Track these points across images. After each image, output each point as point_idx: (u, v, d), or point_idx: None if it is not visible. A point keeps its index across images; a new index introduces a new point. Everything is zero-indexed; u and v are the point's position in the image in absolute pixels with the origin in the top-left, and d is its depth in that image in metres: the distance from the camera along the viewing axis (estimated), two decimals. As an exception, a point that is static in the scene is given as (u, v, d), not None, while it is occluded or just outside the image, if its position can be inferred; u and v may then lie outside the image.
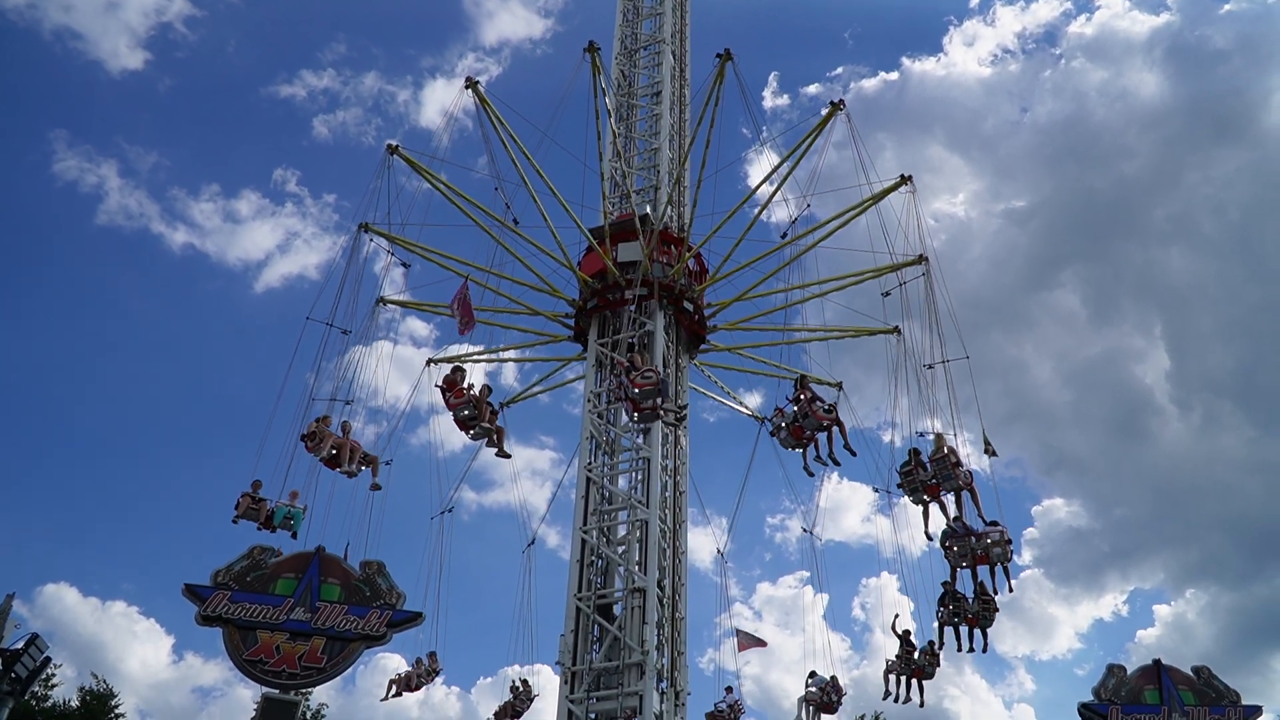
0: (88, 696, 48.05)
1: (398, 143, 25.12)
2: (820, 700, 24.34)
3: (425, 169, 25.05)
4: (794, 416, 19.22)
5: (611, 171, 28.04)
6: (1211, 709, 16.49)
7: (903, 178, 24.52)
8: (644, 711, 19.11)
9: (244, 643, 11.78)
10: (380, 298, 26.07)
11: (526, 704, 28.02)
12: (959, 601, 21.48)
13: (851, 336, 27.55)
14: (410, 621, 12.44)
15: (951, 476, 19.23)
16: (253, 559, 12.41)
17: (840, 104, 24.22)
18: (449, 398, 19.52)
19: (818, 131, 24.25)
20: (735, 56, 23.61)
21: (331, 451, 19.44)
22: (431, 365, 28.23)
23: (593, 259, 25.26)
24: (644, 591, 20.64)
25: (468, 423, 19.71)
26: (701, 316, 25.64)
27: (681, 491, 23.95)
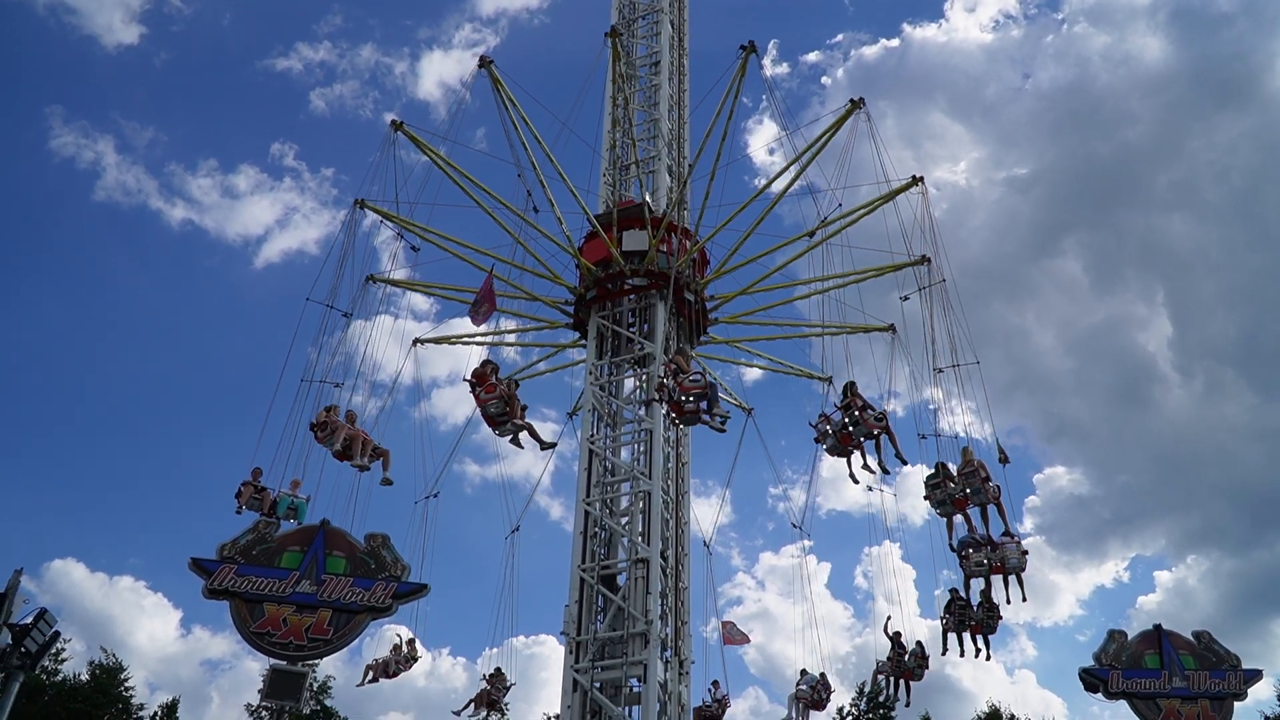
0: (97, 670, 48.56)
1: (401, 119, 24.81)
2: (811, 698, 24.90)
3: (430, 148, 24.65)
4: (842, 424, 19.03)
5: (611, 141, 27.93)
6: (1212, 673, 16.63)
7: (915, 179, 24.36)
8: (648, 680, 19.28)
9: (251, 615, 11.91)
10: (369, 275, 25.74)
11: (502, 693, 28.27)
12: (965, 609, 21.79)
13: (849, 333, 27.79)
14: (415, 593, 12.55)
15: (981, 490, 19.30)
16: (258, 533, 12.50)
17: (860, 102, 23.85)
18: (479, 392, 19.15)
19: (835, 129, 23.93)
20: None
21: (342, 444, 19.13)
22: (418, 345, 28.01)
23: (595, 246, 24.80)
24: (647, 562, 20.75)
25: (497, 419, 19.36)
26: (703, 307, 25.25)
27: (684, 463, 24.03)
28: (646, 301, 24.27)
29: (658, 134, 28.00)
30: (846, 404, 19.02)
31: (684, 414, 18.80)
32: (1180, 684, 16.43)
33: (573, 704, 19.85)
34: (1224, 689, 16.62)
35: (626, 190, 27.81)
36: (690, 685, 21.52)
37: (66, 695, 46.21)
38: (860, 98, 23.94)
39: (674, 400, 18.55)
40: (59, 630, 11.33)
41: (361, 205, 24.99)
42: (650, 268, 23.90)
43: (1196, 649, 17.01)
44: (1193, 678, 16.55)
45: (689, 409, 18.53)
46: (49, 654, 21.81)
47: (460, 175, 24.44)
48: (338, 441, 18.86)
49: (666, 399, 18.91)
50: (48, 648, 11.04)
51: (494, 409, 19.09)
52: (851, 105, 23.85)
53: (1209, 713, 16.27)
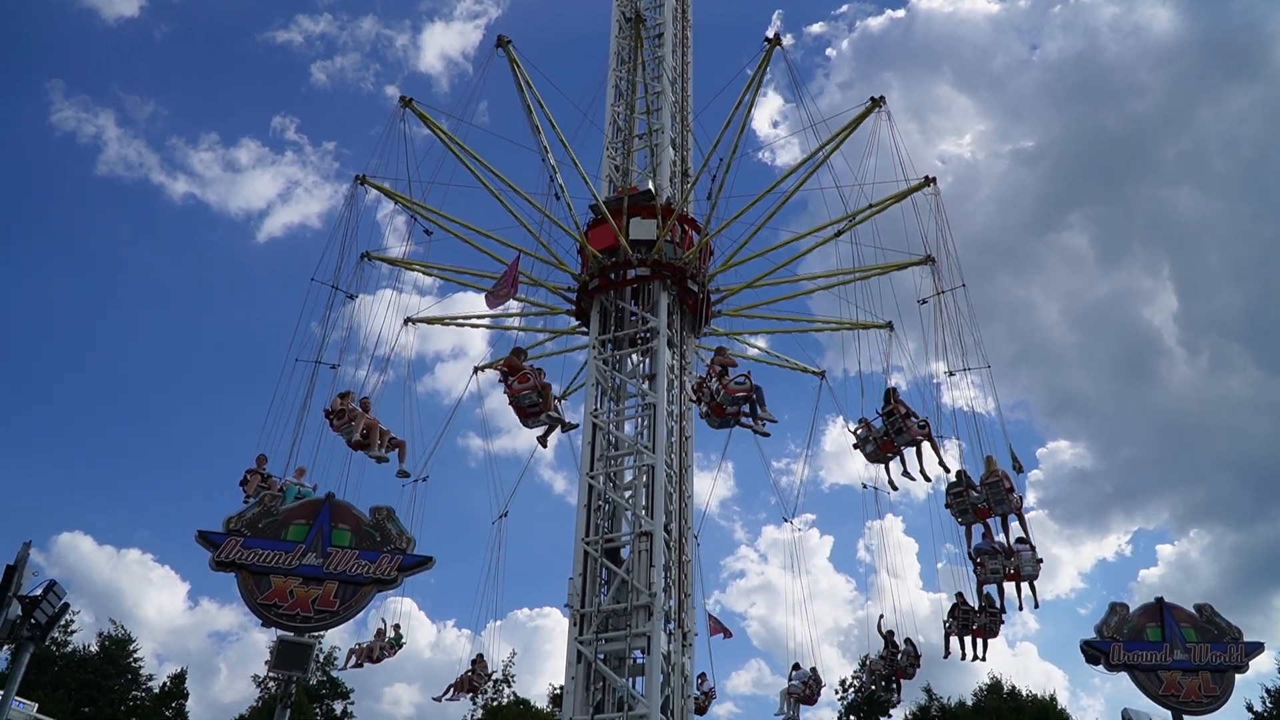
0: (106, 642, 49.07)
1: (404, 92, 24.70)
2: (802, 693, 25.29)
3: (439, 126, 24.36)
4: (884, 430, 19.01)
5: (614, 116, 27.80)
6: (1213, 646, 16.70)
7: (926, 179, 24.34)
8: (651, 651, 19.43)
9: (258, 587, 11.99)
10: (365, 253, 25.61)
11: (484, 680, 28.46)
12: (969, 614, 21.98)
13: (848, 329, 28.02)
14: (421, 565, 12.63)
15: (1004, 501, 19.36)
16: (264, 506, 12.58)
17: (880, 100, 23.70)
18: (512, 382, 18.62)
19: (854, 126, 23.76)
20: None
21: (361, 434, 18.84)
22: (410, 325, 27.84)
23: (601, 233, 24.45)
24: (651, 535, 20.86)
25: (529, 411, 18.76)
26: (707, 297, 25.07)
27: (687, 437, 24.09)
28: (650, 291, 24.06)
29: (662, 106, 27.85)
30: (889, 410, 19.02)
31: (724, 416, 18.56)
32: (1181, 656, 16.51)
33: (577, 675, 20.03)
34: (1225, 661, 16.70)
35: (630, 162, 27.69)
36: (693, 657, 21.70)
37: (76, 666, 46.79)
38: (881, 96, 23.79)
39: (716, 402, 18.32)
40: (68, 602, 11.44)
41: (363, 181, 24.94)
42: (657, 258, 23.71)
43: (1198, 622, 17.09)
44: (1194, 650, 16.62)
45: (730, 412, 18.35)
46: (58, 626, 22.05)
47: (469, 155, 24.12)
48: (357, 431, 18.58)
49: (707, 399, 18.57)
50: (57, 619, 11.15)
51: (528, 400, 18.56)
52: (872, 103, 23.70)
53: (1210, 685, 16.35)
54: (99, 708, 45.94)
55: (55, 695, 42.19)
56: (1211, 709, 16.33)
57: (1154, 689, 16.26)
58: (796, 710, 26.02)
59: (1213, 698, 16.33)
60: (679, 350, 24.04)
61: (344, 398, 19.15)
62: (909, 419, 18.80)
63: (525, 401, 18.48)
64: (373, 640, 26.81)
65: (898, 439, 18.94)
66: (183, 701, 51.08)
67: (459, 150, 24.18)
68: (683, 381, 24.13)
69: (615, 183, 26.87)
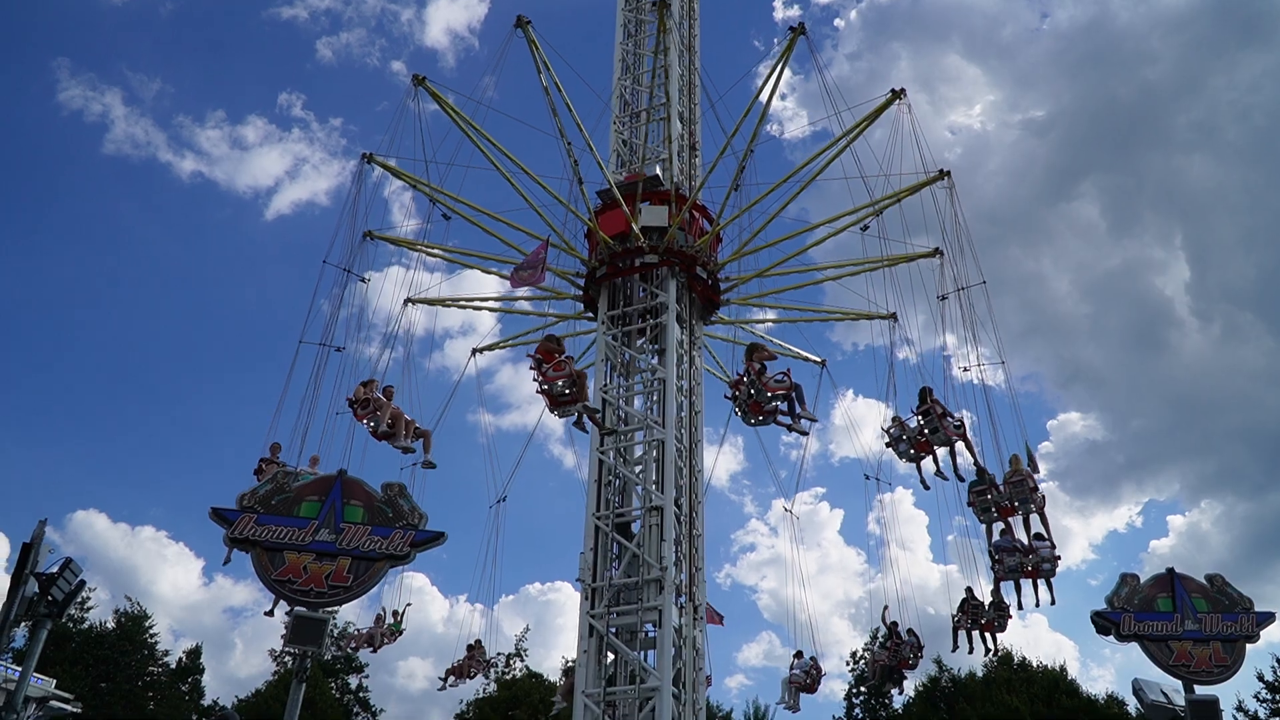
0: (123, 618, 49.57)
1: (408, 67, 24.54)
2: (804, 682, 25.56)
3: (452, 106, 23.98)
4: (920, 430, 18.87)
5: (621, 90, 27.62)
6: (1224, 616, 16.69)
7: (941, 173, 24.05)
8: (663, 625, 19.53)
9: (272, 564, 12.06)
10: (367, 232, 25.37)
11: (482, 666, 28.39)
12: (979, 609, 22.09)
13: (853, 319, 28.05)
14: (433, 541, 12.68)
15: (1029, 500, 19.35)
16: (277, 483, 12.63)
17: (901, 92, 23.40)
18: (546, 370, 17.81)
19: (872, 118, 23.55)
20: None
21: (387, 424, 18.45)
22: (410, 305, 27.50)
23: (612, 219, 24.08)
24: (661, 509, 20.92)
25: (560, 400, 17.98)
26: (715, 283, 24.87)
27: (697, 411, 24.09)
28: (659, 277, 23.87)
29: (668, 80, 27.64)
30: (925, 409, 18.88)
31: (761, 414, 18.29)
32: (1192, 627, 16.52)
33: (589, 648, 20.16)
34: (1236, 631, 16.70)
35: (637, 136, 27.53)
36: (705, 630, 21.81)
37: (93, 642, 47.27)
38: (902, 89, 23.52)
39: (754, 400, 18.09)
40: (84, 579, 11.53)
41: (369, 160, 24.75)
42: (669, 245, 23.51)
43: (1209, 592, 17.08)
44: (1205, 620, 16.62)
45: (768, 409, 18.10)
46: (75, 603, 22.24)
47: (481, 137, 23.73)
48: (383, 422, 18.16)
49: (744, 397, 18.25)
50: (74, 596, 11.25)
51: (561, 389, 17.81)
52: (892, 95, 23.43)
53: (1220, 655, 16.36)
54: (116, 683, 46.47)
55: (73, 671, 42.67)
56: (1222, 678, 16.35)
57: (1165, 659, 16.27)
58: (797, 698, 26.38)
59: (1224, 667, 16.34)
60: (688, 328, 23.96)
61: (367, 386, 18.75)
62: (945, 419, 18.68)
63: (558, 390, 17.80)
64: (373, 627, 26.71)
65: (933, 438, 18.86)
66: (199, 677, 51.67)
67: (472, 132, 23.83)
68: (692, 356, 24.09)
69: (623, 157, 26.71)
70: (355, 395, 18.48)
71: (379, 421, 18.03)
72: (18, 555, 10.78)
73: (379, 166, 25.17)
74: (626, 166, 26.23)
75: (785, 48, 22.84)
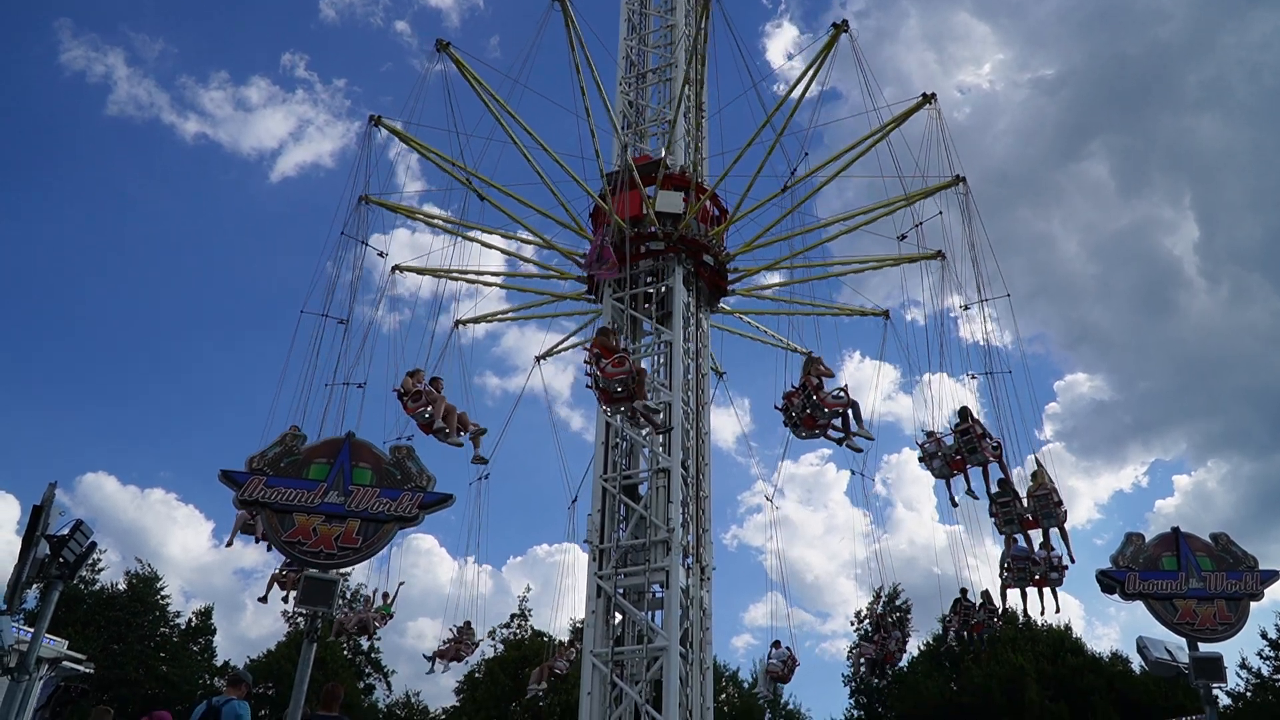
0: (134, 580, 50.05)
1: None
2: (781, 672, 25.94)
3: (475, 75, 23.11)
4: (956, 449, 18.82)
5: (627, 50, 27.33)
6: (1228, 574, 16.71)
7: (956, 178, 23.36)
8: (670, 586, 19.67)
9: (281, 525, 12.10)
10: (363, 195, 24.69)
11: (471, 649, 28.25)
12: (969, 610, 23.33)
13: (848, 315, 28.24)
14: (441, 503, 12.70)
15: (1053, 515, 19.36)
16: (285, 445, 12.63)
17: (931, 97, 22.66)
18: (605, 365, 16.85)
19: (899, 121, 22.81)
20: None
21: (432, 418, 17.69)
22: (397, 272, 27.06)
23: (624, 201, 23.51)
24: (668, 472, 20.99)
25: (616, 396, 17.02)
26: (722, 268, 24.56)
27: (703, 374, 24.11)
28: (665, 263, 23.66)
29: (674, 40, 27.35)
30: (964, 429, 18.82)
31: (814, 428, 18.01)
32: (1197, 585, 16.54)
33: (597, 609, 20.34)
34: (1240, 590, 16.72)
35: (643, 99, 27.25)
36: (711, 591, 21.97)
37: (105, 604, 47.77)
38: (933, 93, 22.71)
39: (809, 414, 17.79)
40: (95, 541, 11.57)
41: (377, 123, 24.32)
42: (682, 234, 23.21)
43: (1214, 551, 17.09)
44: (1209, 579, 16.64)
45: (821, 424, 17.83)
46: (86, 565, 22.39)
47: (501, 109, 23.04)
48: (437, 417, 17.52)
49: (799, 410, 17.93)
50: (85, 558, 11.28)
51: (619, 385, 16.83)
52: (923, 99, 22.76)
53: (1225, 613, 16.40)
54: (128, 644, 47.01)
55: (85, 632, 43.16)
56: (1226, 636, 16.41)
57: (1169, 617, 16.31)
58: (775, 689, 26.85)
59: (1228, 625, 16.38)
60: (694, 331, 23.66)
61: (414, 376, 18.13)
62: (985, 439, 18.69)
63: (616, 386, 16.87)
64: (362, 610, 26.27)
65: (971, 458, 18.89)
66: (210, 638, 52.25)
67: (495, 106, 22.96)
68: (699, 319, 24.01)
69: (629, 118, 26.46)
70: (404, 387, 17.89)
71: (431, 418, 17.46)
72: (28, 518, 10.83)
73: (387, 130, 24.63)
74: (633, 129, 25.99)
75: (826, 44, 21.81)
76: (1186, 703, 39.55)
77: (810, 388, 17.81)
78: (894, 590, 54.64)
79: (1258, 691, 41.68)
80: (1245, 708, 40.87)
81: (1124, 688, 43.67)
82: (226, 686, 12.74)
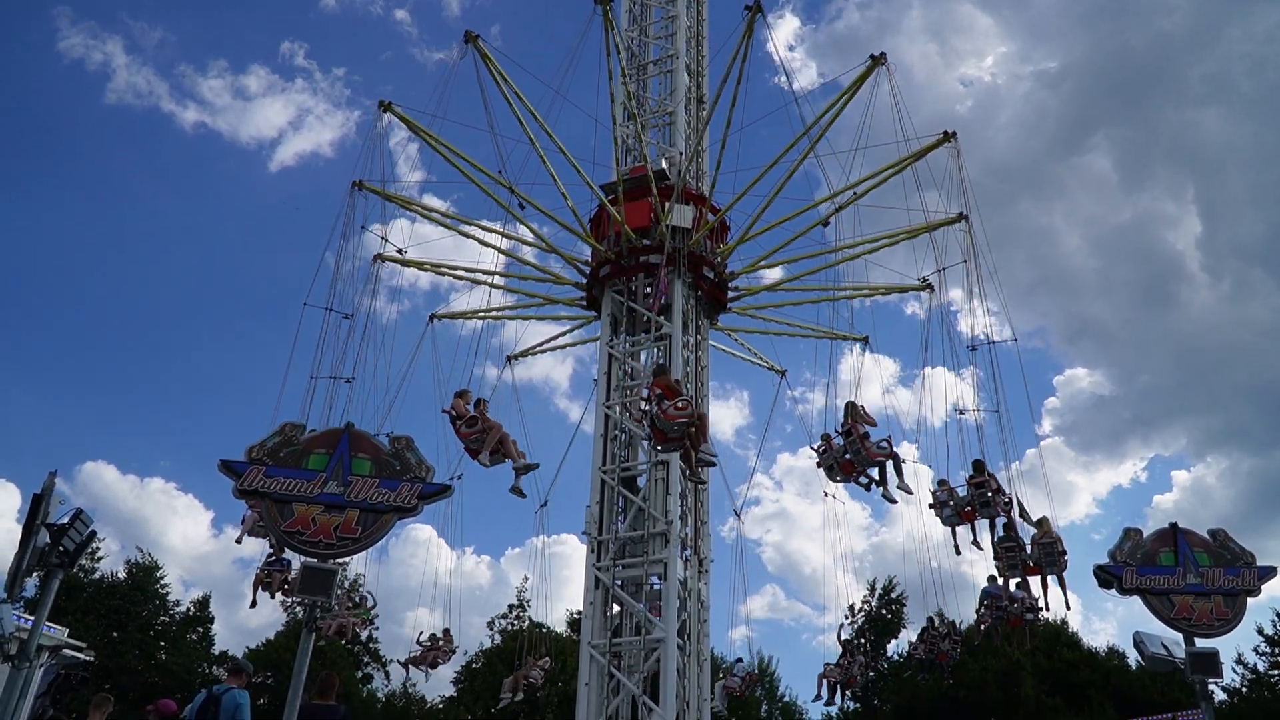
0: (134, 569, 50.17)
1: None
2: (739, 689, 27.97)
3: (500, 71, 22.70)
4: (968, 501, 19.05)
5: (628, 42, 27.25)
6: (1226, 570, 16.74)
7: (960, 215, 23.17)
8: (668, 578, 19.71)
9: (281, 515, 12.12)
10: (357, 181, 24.08)
11: (447, 656, 28.09)
12: (935, 639, 25.42)
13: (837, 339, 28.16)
14: (440, 494, 12.72)
15: (1055, 563, 19.59)
16: (284, 435, 12.64)
17: (882, 57, 22.15)
18: (668, 407, 15.76)
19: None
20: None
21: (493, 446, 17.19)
22: (380, 261, 26.22)
23: (635, 210, 23.11)
24: (667, 464, 21.01)
25: (670, 437, 16.04)
26: (723, 283, 24.32)
27: (703, 366, 24.09)
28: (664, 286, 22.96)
29: (676, 31, 27.29)
30: (979, 481, 19.00)
31: (852, 474, 18.14)
32: (1194, 580, 16.57)
33: (595, 600, 20.38)
34: (1237, 586, 16.75)
35: (644, 90, 27.19)
36: (709, 583, 22.02)
37: (105, 592, 47.90)
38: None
39: (849, 461, 17.84)
40: (95, 530, 11.60)
41: (387, 108, 24.00)
42: (692, 249, 22.94)
43: (1211, 546, 17.12)
44: (1207, 574, 16.67)
45: (859, 471, 17.95)
46: (86, 553, 22.43)
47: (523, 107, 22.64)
48: (490, 445, 17.05)
49: (838, 455, 17.93)
50: (85, 546, 11.30)
51: (679, 429, 15.81)
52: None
53: (1222, 609, 16.43)
54: (127, 633, 47.16)
55: (85, 621, 43.29)
56: (1223, 632, 16.43)
57: (1166, 612, 16.34)
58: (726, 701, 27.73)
59: (1224, 621, 16.41)
60: (694, 345, 23.56)
61: (463, 397, 17.70)
62: (998, 495, 18.89)
63: (676, 429, 15.86)
64: (340, 614, 25.44)
65: (982, 511, 19.08)
66: (209, 626, 52.38)
67: (518, 104, 22.52)
68: (698, 311, 23.97)
69: (629, 110, 26.37)
70: (456, 410, 17.49)
71: (484, 443, 17.03)
72: (29, 506, 10.86)
73: (396, 117, 24.12)
74: (635, 120, 25.88)
75: (860, 76, 21.50)
76: (1182, 698, 39.70)
77: (856, 435, 17.86)
78: (889, 583, 54.87)
79: (1254, 687, 41.81)
80: (1241, 703, 41.01)
81: (1120, 682, 43.82)
82: (227, 675, 12.79)
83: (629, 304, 23.08)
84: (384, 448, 12.72)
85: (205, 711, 12.08)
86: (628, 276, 23.12)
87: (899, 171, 22.78)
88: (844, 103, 22.02)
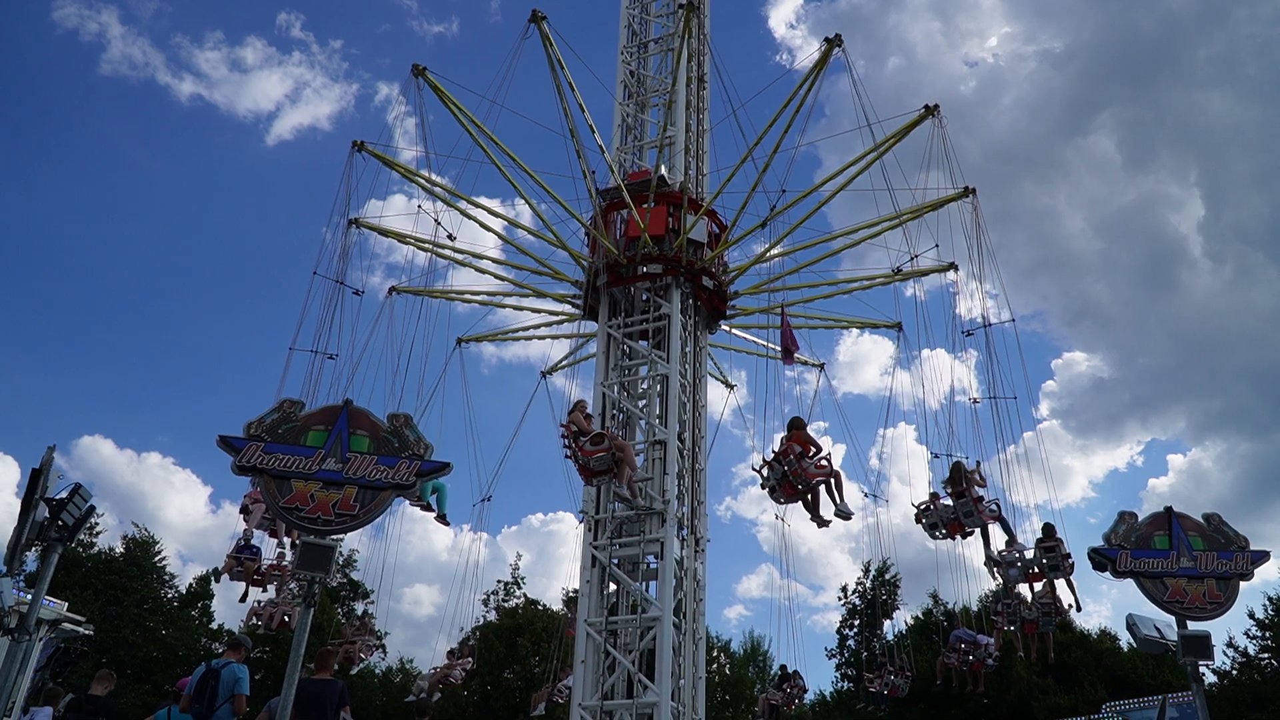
0: (131, 544, 50.33)
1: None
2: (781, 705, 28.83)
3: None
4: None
5: (629, 19, 27.13)
6: (1219, 554, 16.80)
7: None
8: (665, 557, 19.80)
9: (279, 491, 12.14)
10: (358, 141, 23.81)
11: (371, 650, 27.96)
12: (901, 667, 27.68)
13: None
14: (438, 471, 12.72)
15: (1060, 567, 19.81)
16: (283, 412, 12.64)
17: (935, 108, 22.02)
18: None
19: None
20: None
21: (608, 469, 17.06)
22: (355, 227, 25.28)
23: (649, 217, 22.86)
24: (665, 444, 21.07)
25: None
26: (721, 291, 24.06)
27: (701, 347, 24.11)
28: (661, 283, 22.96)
29: (676, 11, 27.14)
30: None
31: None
32: (1188, 564, 16.64)
33: (591, 578, 20.48)
34: (1230, 569, 16.81)
35: (645, 69, 27.09)
36: (705, 563, 22.13)
37: (103, 567, 48.09)
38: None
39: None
40: (94, 504, 11.62)
41: (420, 73, 23.23)
42: (658, 253, 22.62)
43: (1206, 531, 17.18)
44: (1200, 558, 16.73)
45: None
46: (84, 528, 22.58)
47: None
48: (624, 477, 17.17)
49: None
50: (84, 521, 11.32)
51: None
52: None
53: (1214, 592, 16.50)
54: (125, 607, 47.35)
55: (83, 595, 43.45)
56: (1215, 615, 16.52)
57: (1159, 595, 16.42)
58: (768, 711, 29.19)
59: (1217, 604, 16.48)
60: (692, 354, 23.33)
61: (580, 409, 17.76)
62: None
63: (812, 485, 17.10)
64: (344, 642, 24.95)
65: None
66: (208, 602, 52.63)
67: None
68: (696, 334, 23.70)
69: (628, 118, 26.29)
70: (578, 425, 17.49)
71: (606, 463, 17.13)
72: (28, 480, 10.88)
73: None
74: (639, 108, 25.76)
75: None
76: (1174, 680, 40.01)
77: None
78: (884, 564, 55.14)
79: (1244, 670, 42.14)
80: (1231, 685, 41.33)
81: (1112, 664, 44.11)
82: (225, 649, 12.87)
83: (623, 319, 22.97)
84: (382, 424, 12.73)
85: (204, 685, 12.19)
86: (627, 286, 22.95)
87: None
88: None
